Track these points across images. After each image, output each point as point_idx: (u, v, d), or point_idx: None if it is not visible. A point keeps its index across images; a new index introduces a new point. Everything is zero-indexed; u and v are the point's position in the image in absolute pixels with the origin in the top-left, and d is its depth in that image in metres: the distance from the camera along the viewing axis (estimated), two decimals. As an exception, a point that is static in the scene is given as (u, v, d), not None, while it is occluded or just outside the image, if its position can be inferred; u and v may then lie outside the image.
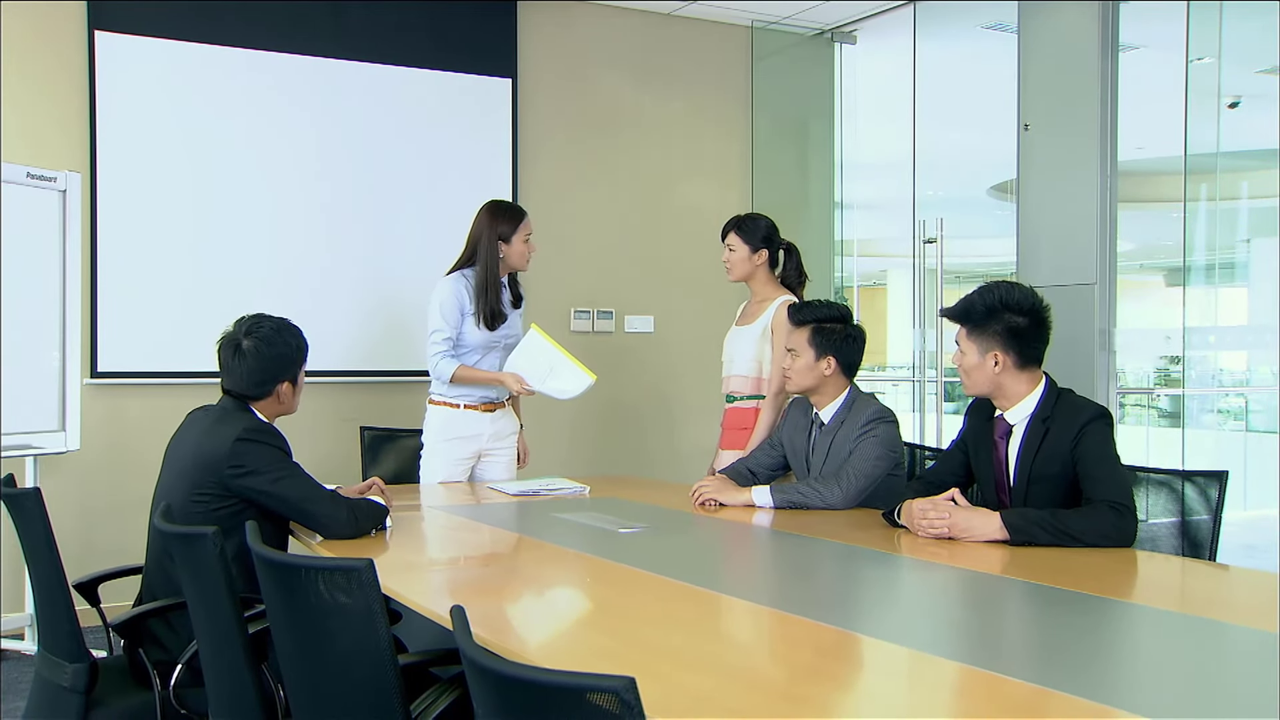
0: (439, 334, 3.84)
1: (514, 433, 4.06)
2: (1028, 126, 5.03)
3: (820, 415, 3.34)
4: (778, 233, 3.84)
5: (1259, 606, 2.12)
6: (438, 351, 3.83)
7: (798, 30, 6.40)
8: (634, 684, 1.08)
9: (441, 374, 3.84)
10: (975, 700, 1.56)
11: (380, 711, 1.77)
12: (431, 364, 3.85)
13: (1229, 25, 5.21)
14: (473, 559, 2.79)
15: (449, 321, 3.84)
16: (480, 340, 3.89)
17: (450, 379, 3.84)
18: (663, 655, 1.79)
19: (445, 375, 3.83)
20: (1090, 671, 1.64)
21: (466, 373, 3.86)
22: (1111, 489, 2.58)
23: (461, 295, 3.86)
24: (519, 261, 3.95)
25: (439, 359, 3.83)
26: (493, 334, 3.90)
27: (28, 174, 4.43)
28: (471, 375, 3.86)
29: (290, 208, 5.22)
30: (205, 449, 2.71)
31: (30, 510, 2.57)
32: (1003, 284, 2.79)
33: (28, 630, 4.52)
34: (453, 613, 1.40)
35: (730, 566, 2.72)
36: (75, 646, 2.53)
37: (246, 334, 2.85)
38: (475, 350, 3.88)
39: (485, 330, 3.87)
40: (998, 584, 2.29)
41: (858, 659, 1.80)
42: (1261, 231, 6.70)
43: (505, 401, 4.00)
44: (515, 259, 3.94)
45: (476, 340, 3.88)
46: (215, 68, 5.06)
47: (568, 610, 2.24)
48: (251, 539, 1.98)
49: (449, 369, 3.83)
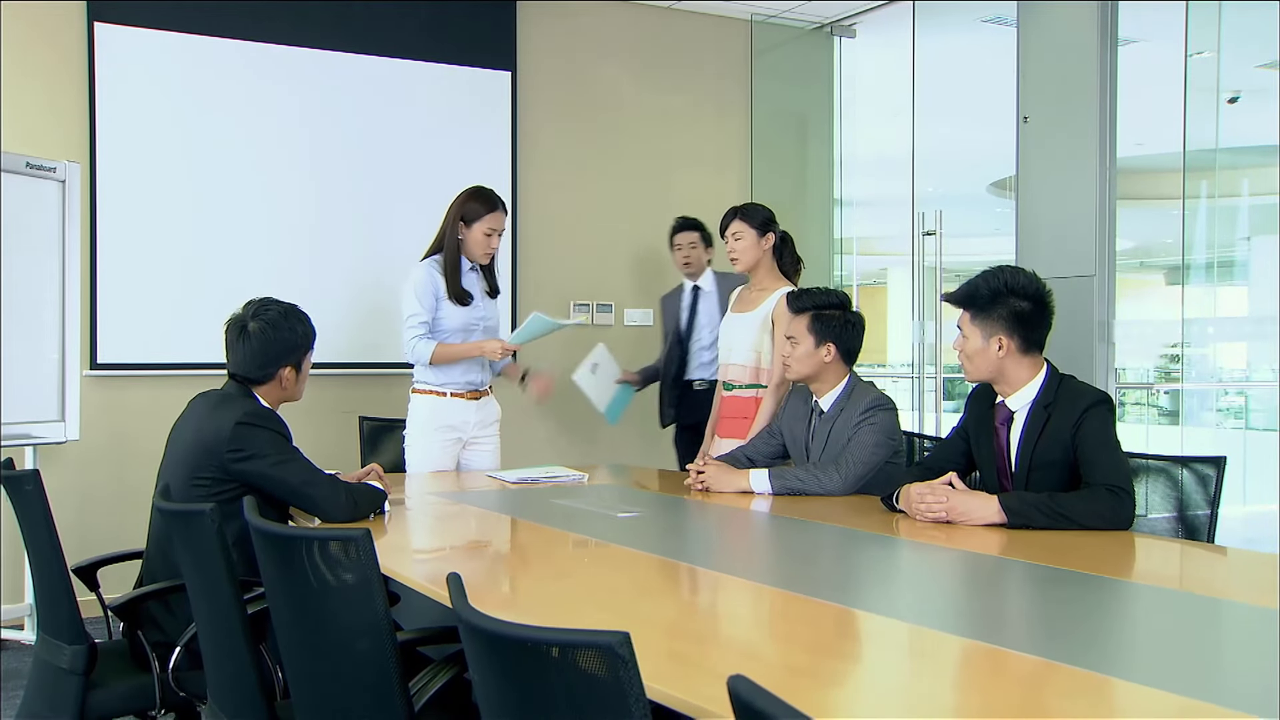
0: (414, 318, 3.82)
1: (498, 420, 4.06)
2: (1027, 119, 5.03)
3: (820, 403, 3.34)
4: (775, 221, 3.85)
5: (1259, 585, 2.12)
6: (414, 335, 3.81)
7: (797, 24, 6.40)
8: (628, 638, 1.09)
9: (420, 356, 3.82)
10: (978, 671, 1.56)
11: (379, 686, 1.77)
12: (409, 348, 3.83)
13: (1228, 19, 5.21)
14: (470, 540, 2.79)
15: (424, 305, 3.82)
16: (459, 322, 3.86)
17: (430, 360, 3.81)
18: (660, 628, 1.79)
19: (424, 357, 3.81)
20: (1093, 645, 1.65)
21: (445, 350, 3.82)
22: (1110, 473, 2.57)
23: (435, 278, 3.84)
24: (475, 250, 3.88)
25: (416, 341, 3.81)
26: (470, 315, 3.88)
27: (27, 164, 4.44)
28: (450, 352, 3.83)
29: (290, 199, 5.22)
30: (206, 433, 2.71)
31: (29, 493, 2.57)
32: (1007, 268, 2.78)
33: (27, 620, 4.52)
34: (449, 579, 1.40)
35: (728, 548, 2.71)
36: (74, 629, 2.53)
37: (254, 316, 2.85)
38: (453, 334, 3.86)
39: (461, 310, 3.86)
40: (997, 564, 2.29)
41: (857, 632, 1.80)
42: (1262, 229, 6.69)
43: (489, 389, 4.00)
44: (472, 246, 3.88)
45: (454, 323, 3.86)
46: (215, 60, 5.07)
47: (565, 588, 2.24)
48: (249, 512, 1.98)
49: (427, 350, 3.80)
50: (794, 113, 6.63)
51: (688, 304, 4.98)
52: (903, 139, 6.20)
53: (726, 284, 4.91)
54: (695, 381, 4.90)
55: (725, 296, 4.88)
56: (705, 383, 4.83)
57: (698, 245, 4.99)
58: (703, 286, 4.96)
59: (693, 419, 4.90)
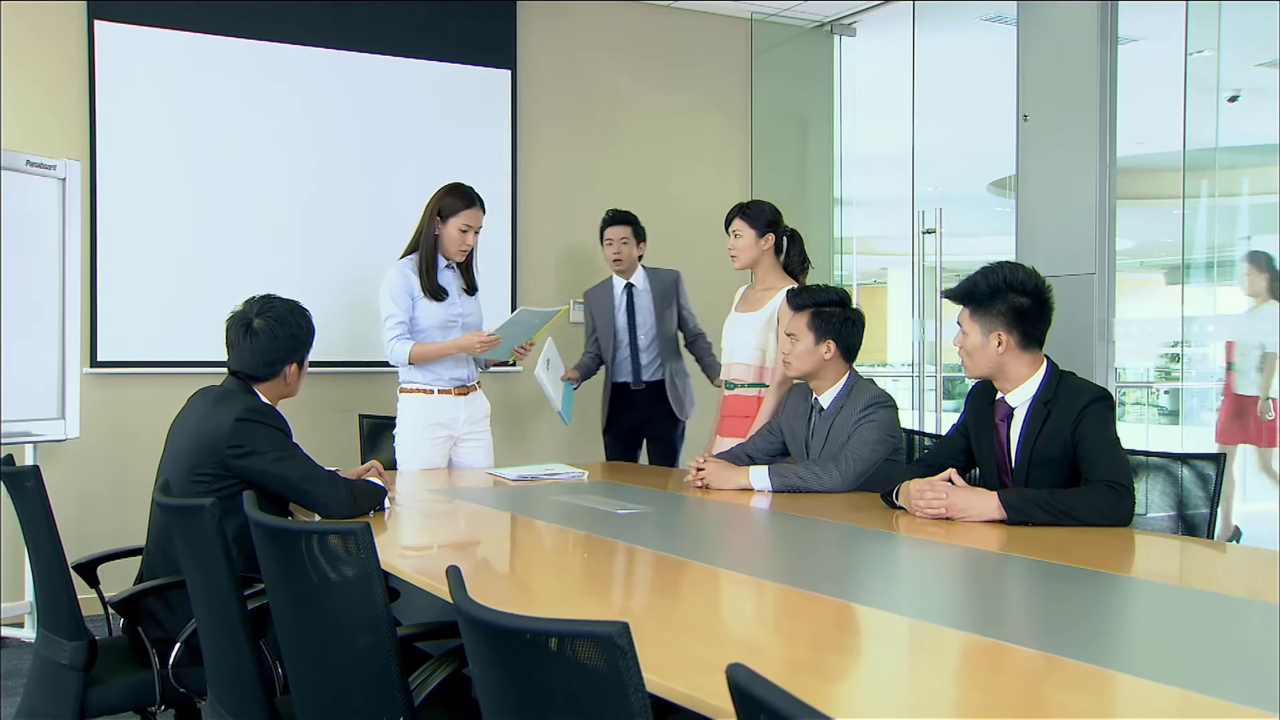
0: (392, 318, 3.81)
1: (488, 416, 4.06)
2: (1027, 118, 5.03)
3: (820, 400, 3.34)
4: (782, 219, 3.84)
5: (1258, 579, 2.12)
6: (392, 335, 3.81)
7: (797, 23, 6.41)
8: (627, 629, 1.08)
9: (398, 356, 3.82)
10: (979, 666, 1.55)
11: (379, 681, 1.77)
12: (388, 349, 3.83)
13: (1228, 18, 5.21)
14: (470, 537, 2.79)
15: (399, 305, 3.82)
16: (436, 320, 3.86)
17: (409, 359, 3.81)
18: (659, 622, 1.79)
19: (402, 357, 3.81)
20: (1093, 640, 1.65)
21: (423, 349, 3.82)
22: (1110, 469, 2.57)
23: (409, 277, 3.84)
24: (450, 246, 3.86)
25: (394, 342, 3.81)
26: (447, 313, 3.87)
27: (27, 161, 4.44)
28: (427, 350, 3.82)
29: (290, 197, 5.22)
30: (205, 429, 2.71)
31: (30, 489, 2.57)
32: (1006, 264, 2.78)
33: (27, 618, 4.52)
34: (449, 572, 1.40)
35: (728, 544, 2.71)
36: (74, 625, 2.53)
37: (258, 314, 2.85)
38: (431, 331, 3.86)
39: (437, 307, 3.85)
40: (997, 560, 2.29)
41: (858, 627, 1.80)
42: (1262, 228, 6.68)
43: (476, 384, 4.01)
44: (447, 242, 3.86)
45: (432, 321, 3.86)
46: (215, 58, 5.07)
47: (565, 584, 2.24)
48: (249, 507, 1.98)
49: (404, 349, 3.80)
50: (794, 112, 6.63)
51: (622, 303, 4.82)
52: (903, 138, 6.19)
53: (660, 281, 4.85)
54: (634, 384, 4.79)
55: (660, 294, 4.82)
56: (645, 384, 4.77)
57: (629, 241, 4.80)
58: (636, 284, 4.82)
59: (630, 423, 4.83)
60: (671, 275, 4.92)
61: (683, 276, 4.98)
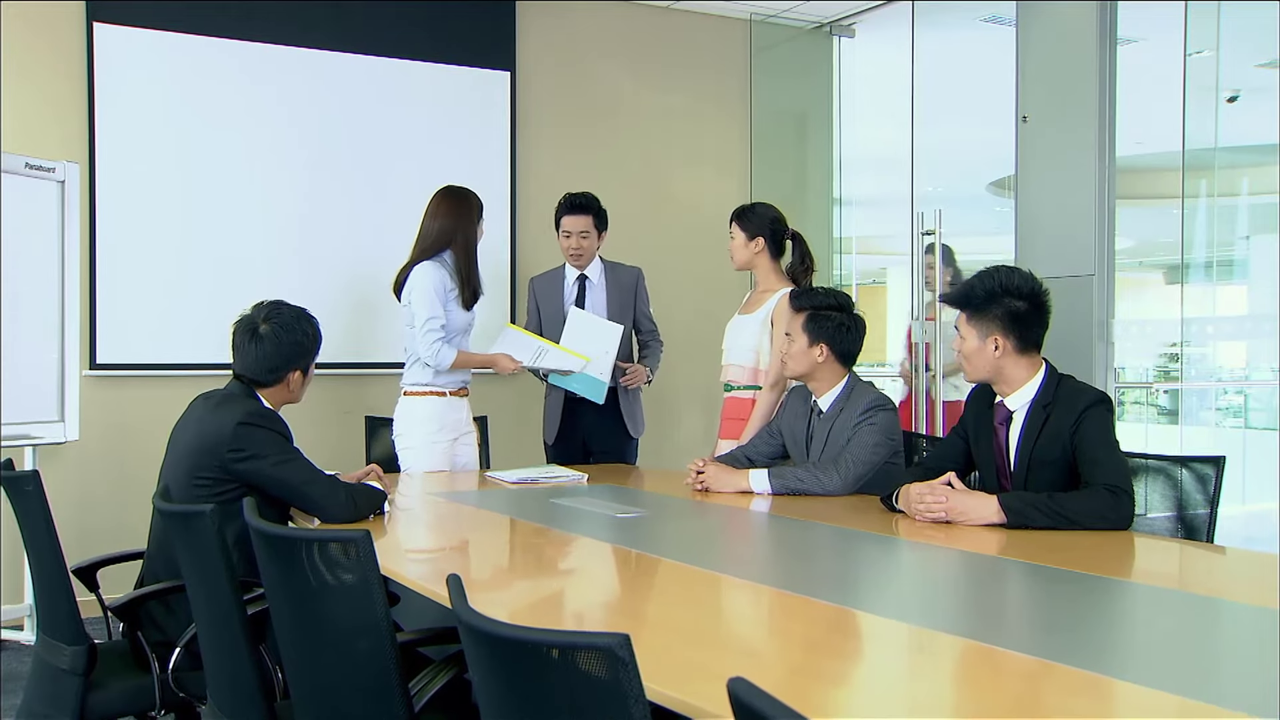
0: (434, 320, 3.82)
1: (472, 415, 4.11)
2: (1026, 118, 5.03)
3: (819, 403, 3.34)
4: (783, 222, 3.83)
5: (1258, 585, 2.12)
6: (437, 339, 3.82)
7: (796, 24, 6.40)
8: (628, 640, 1.09)
9: (443, 361, 3.82)
10: (977, 671, 1.56)
11: (379, 687, 1.77)
12: (431, 352, 3.82)
13: (1227, 18, 5.21)
14: (470, 541, 2.79)
15: (440, 307, 3.84)
16: (461, 324, 3.91)
17: (450, 365, 3.84)
18: (659, 628, 1.79)
19: (447, 362, 3.83)
20: (1092, 646, 1.64)
21: (465, 357, 3.89)
22: (1109, 472, 2.58)
23: (445, 279, 3.86)
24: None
25: (440, 346, 3.82)
26: (468, 317, 3.93)
27: (26, 164, 4.44)
28: (469, 359, 3.91)
29: (289, 199, 5.22)
30: (206, 432, 2.71)
31: (29, 493, 2.57)
32: (1002, 268, 2.79)
33: (27, 620, 4.52)
34: (449, 580, 1.40)
35: (728, 549, 2.72)
36: (74, 629, 2.53)
37: (265, 319, 2.85)
38: (457, 335, 3.90)
39: (464, 312, 3.90)
40: (996, 564, 2.29)
41: (857, 632, 1.80)
42: (1261, 228, 6.68)
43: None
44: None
45: (458, 325, 3.90)
46: (214, 60, 5.06)
47: (565, 589, 2.24)
48: (249, 513, 1.98)
49: (450, 355, 3.83)
50: (793, 112, 6.63)
51: (572, 296, 4.32)
52: (902, 138, 6.19)
53: (619, 277, 4.36)
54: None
55: (617, 292, 4.33)
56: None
57: (590, 234, 4.26)
58: (590, 277, 4.33)
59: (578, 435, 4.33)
60: (633, 273, 4.42)
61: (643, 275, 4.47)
